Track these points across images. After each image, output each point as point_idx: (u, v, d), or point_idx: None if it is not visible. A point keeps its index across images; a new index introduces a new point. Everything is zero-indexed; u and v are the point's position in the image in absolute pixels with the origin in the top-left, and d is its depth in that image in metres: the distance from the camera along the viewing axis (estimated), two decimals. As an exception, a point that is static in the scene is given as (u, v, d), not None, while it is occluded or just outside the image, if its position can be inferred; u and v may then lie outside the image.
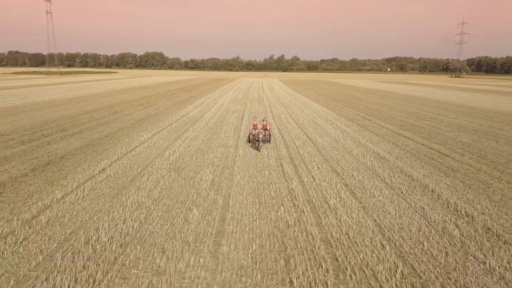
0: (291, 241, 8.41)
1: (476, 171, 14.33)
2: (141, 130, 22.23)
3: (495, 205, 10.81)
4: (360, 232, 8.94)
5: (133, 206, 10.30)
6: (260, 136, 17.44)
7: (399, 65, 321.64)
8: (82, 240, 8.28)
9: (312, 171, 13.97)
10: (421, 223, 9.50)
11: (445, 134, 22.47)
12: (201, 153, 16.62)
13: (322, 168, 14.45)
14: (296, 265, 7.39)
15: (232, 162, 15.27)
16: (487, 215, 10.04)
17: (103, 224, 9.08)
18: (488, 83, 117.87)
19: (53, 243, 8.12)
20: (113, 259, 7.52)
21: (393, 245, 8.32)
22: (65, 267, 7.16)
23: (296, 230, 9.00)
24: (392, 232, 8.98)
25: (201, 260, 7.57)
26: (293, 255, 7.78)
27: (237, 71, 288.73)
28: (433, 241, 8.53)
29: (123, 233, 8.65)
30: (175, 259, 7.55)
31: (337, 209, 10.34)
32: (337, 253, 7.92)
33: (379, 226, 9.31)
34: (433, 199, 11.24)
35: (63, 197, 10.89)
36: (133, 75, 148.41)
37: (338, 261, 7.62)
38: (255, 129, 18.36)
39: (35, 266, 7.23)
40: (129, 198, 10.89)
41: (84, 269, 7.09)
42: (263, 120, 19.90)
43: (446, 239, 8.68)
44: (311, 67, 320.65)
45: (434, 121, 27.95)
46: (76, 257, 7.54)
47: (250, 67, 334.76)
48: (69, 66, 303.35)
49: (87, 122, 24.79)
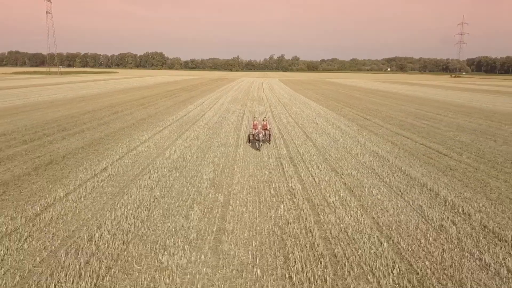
0: (290, 238, 8.56)
1: (474, 170, 14.48)
2: (142, 129, 22.38)
3: (492, 203, 10.96)
4: (358, 229, 9.09)
5: (135, 204, 10.45)
6: (260, 135, 17.57)
7: (399, 65, 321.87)
8: (85, 237, 8.43)
9: (311, 170, 14.11)
10: (418, 221, 9.65)
11: (444, 133, 22.61)
12: (201, 152, 16.76)
13: (321, 167, 14.60)
14: (295, 261, 7.54)
15: (232, 161, 15.41)
16: (484, 213, 10.19)
17: (105, 221, 9.23)
18: (488, 83, 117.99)
19: (57, 240, 8.27)
20: (116, 255, 7.67)
21: (391, 242, 8.46)
22: (69, 263, 7.31)
23: (295, 227, 9.15)
24: (390, 229, 9.13)
25: (202, 256, 7.72)
26: (293, 252, 7.93)
27: (237, 71, 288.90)
28: (430, 238, 8.68)
29: (126, 230, 8.79)
30: (176, 256, 7.70)
31: (336, 207, 10.49)
32: (336, 250, 8.06)
33: (377, 223, 9.46)
34: (431, 197, 11.39)
35: (66, 195, 11.04)
36: (133, 75, 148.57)
37: (336, 258, 7.77)
38: (255, 129, 18.47)
39: (40, 262, 7.38)
40: (131, 196, 11.04)
41: (87, 265, 7.24)
42: (263, 120, 20.03)
43: (443, 236, 8.82)
44: (311, 67, 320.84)
45: (433, 121, 28.09)
46: (79, 253, 7.69)
47: (250, 67, 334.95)
48: (69, 66, 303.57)
49: (88, 121, 24.93)
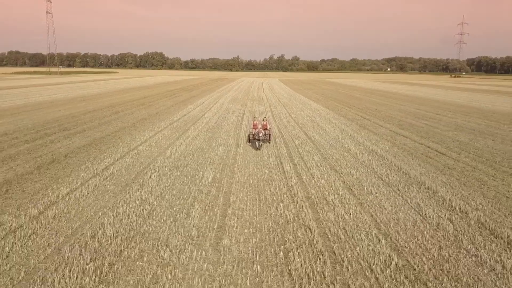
0: (290, 235, 8.71)
1: (471, 169, 14.63)
2: (143, 129, 22.53)
3: (488, 202, 11.10)
4: (357, 227, 9.24)
5: (137, 202, 10.60)
6: (260, 135, 17.71)
7: (399, 65, 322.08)
8: (88, 234, 8.57)
9: (311, 169, 14.26)
10: (416, 219, 9.79)
11: (443, 133, 22.76)
12: (202, 152, 16.91)
13: (321, 166, 14.75)
14: (294, 258, 7.68)
15: (232, 160, 15.56)
16: (481, 211, 10.34)
17: (108, 219, 9.38)
18: (487, 83, 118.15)
19: (61, 237, 8.41)
20: (118, 252, 7.81)
21: (389, 239, 8.61)
22: (73, 259, 7.45)
23: (295, 225, 9.29)
24: (388, 227, 9.27)
25: (204, 253, 7.87)
26: (292, 249, 8.08)
27: (237, 71, 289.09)
28: (428, 235, 8.83)
29: (128, 227, 8.94)
30: (178, 252, 7.85)
31: (335, 205, 10.64)
32: (335, 247, 8.21)
33: (376, 221, 9.60)
34: (429, 196, 11.53)
35: (68, 193, 11.19)
36: (133, 75, 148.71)
37: (335, 254, 7.91)
38: (255, 129, 18.61)
39: (44, 258, 7.53)
40: (133, 194, 11.18)
41: (91, 261, 7.39)
42: (263, 119, 20.17)
43: (440, 233, 8.97)
44: (311, 67, 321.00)
45: (432, 121, 28.24)
46: (83, 250, 7.84)
47: (250, 67, 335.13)
48: (69, 66, 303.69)
49: (89, 121, 25.08)
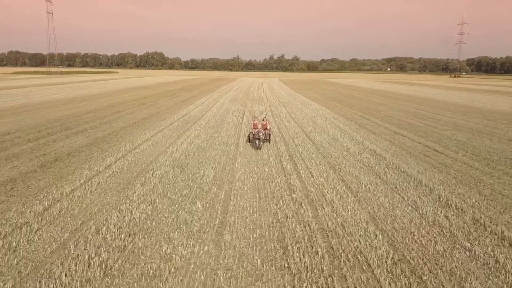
0: (289, 231, 8.93)
1: (468, 168, 14.85)
2: (144, 128, 22.75)
3: (484, 199, 11.33)
4: (354, 223, 9.46)
5: (139, 199, 10.82)
6: (260, 135, 17.92)
7: (399, 65, 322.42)
8: (92, 230, 8.79)
9: (310, 168, 14.48)
10: (413, 215, 10.01)
11: (441, 132, 22.98)
12: (203, 151, 17.13)
13: (320, 164, 14.97)
14: (294, 252, 7.90)
15: (233, 159, 15.78)
16: (476, 208, 10.56)
17: (111, 216, 9.59)
18: (487, 83, 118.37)
19: (66, 233, 8.64)
20: (122, 247, 8.04)
21: (386, 235, 8.83)
22: (78, 254, 7.67)
23: (294, 221, 9.51)
24: (385, 223, 9.49)
25: (205, 248, 8.08)
26: (291, 244, 8.30)
27: (237, 71, 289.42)
28: (424, 231, 9.04)
29: (131, 224, 9.16)
30: (180, 247, 8.07)
31: (333, 202, 10.86)
32: (333, 242, 8.43)
33: (373, 218, 9.82)
34: (426, 194, 11.75)
35: (72, 191, 11.41)
36: (134, 75, 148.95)
37: (333, 249, 8.13)
38: (255, 129, 18.82)
39: (50, 253, 7.75)
40: (135, 192, 11.40)
41: (96, 256, 7.61)
42: (263, 119, 20.39)
43: (435, 229, 9.19)
44: (311, 67, 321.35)
45: (431, 120, 28.46)
46: (88, 245, 8.06)
47: (250, 67, 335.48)
48: (69, 66, 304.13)
49: (90, 121, 25.30)
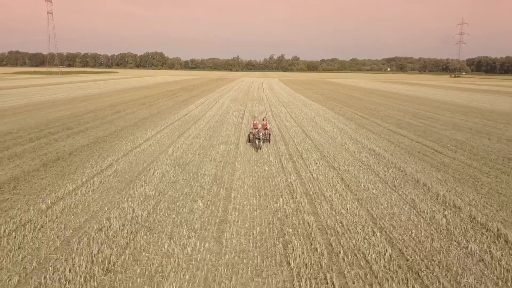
0: (289, 229, 9.07)
1: (466, 167, 14.99)
2: (145, 128, 22.89)
3: (481, 197, 11.47)
4: (353, 221, 9.60)
5: (141, 197, 10.96)
6: (260, 134, 18.05)
7: (399, 65, 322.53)
8: (95, 227, 8.94)
9: (309, 167, 14.62)
10: (410, 213, 10.16)
11: (440, 132, 23.13)
12: (203, 150, 17.28)
13: (319, 163, 15.11)
14: (293, 249, 8.05)
15: (233, 158, 15.92)
16: (473, 206, 10.70)
17: (113, 213, 9.74)
18: (487, 83, 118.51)
19: (69, 230, 8.78)
20: (125, 243, 8.18)
21: (384, 232, 8.97)
22: (82, 251, 7.82)
23: (293, 219, 9.66)
24: (383, 221, 9.64)
25: (206, 244, 8.23)
26: (291, 241, 8.44)
27: (237, 71, 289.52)
28: (421, 229, 9.19)
29: (133, 221, 9.31)
30: (182, 244, 8.21)
31: (332, 200, 11.00)
32: (331, 239, 8.57)
33: (372, 215, 9.97)
34: (424, 192, 11.90)
35: (75, 189, 11.55)
36: (134, 75, 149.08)
37: (332, 246, 8.28)
38: (255, 128, 18.95)
39: (54, 249, 7.89)
40: (137, 190, 11.55)
41: (99, 252, 7.75)
42: (263, 119, 20.53)
43: (433, 227, 9.33)
44: (311, 67, 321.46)
45: (430, 120, 28.60)
46: (91, 242, 8.21)
47: (250, 67, 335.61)
48: (69, 66, 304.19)
49: (91, 120, 25.45)
